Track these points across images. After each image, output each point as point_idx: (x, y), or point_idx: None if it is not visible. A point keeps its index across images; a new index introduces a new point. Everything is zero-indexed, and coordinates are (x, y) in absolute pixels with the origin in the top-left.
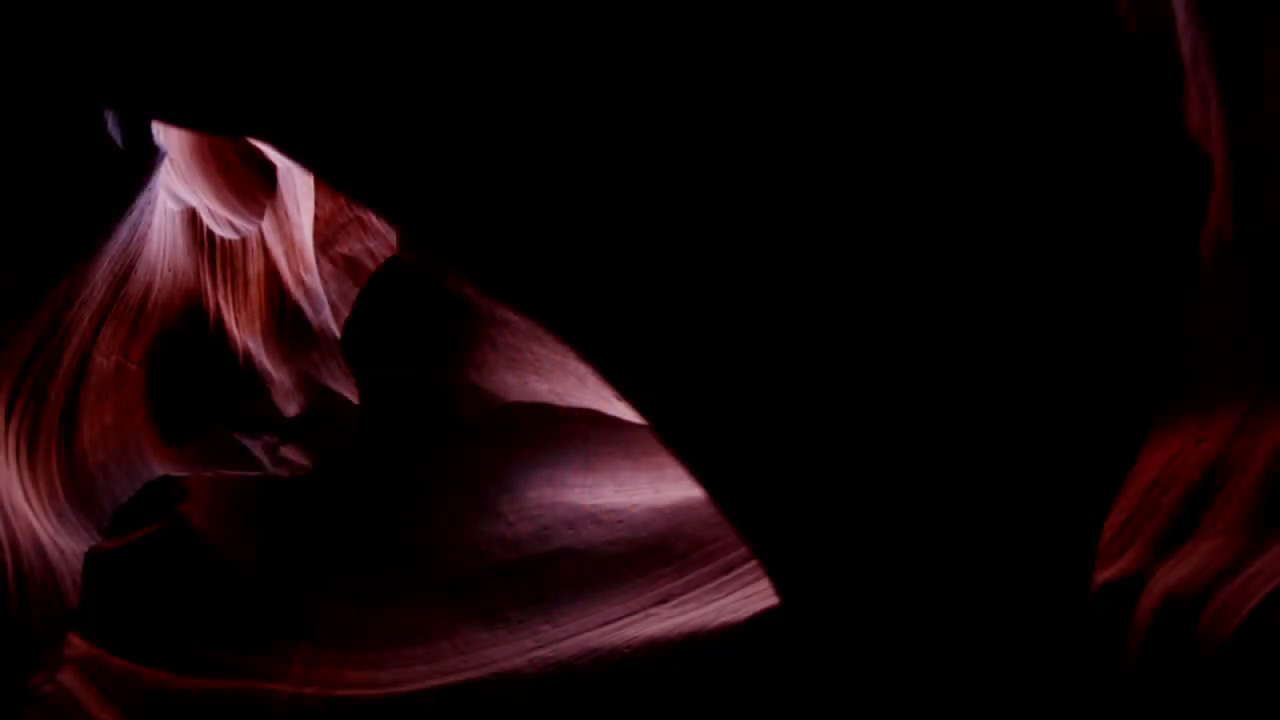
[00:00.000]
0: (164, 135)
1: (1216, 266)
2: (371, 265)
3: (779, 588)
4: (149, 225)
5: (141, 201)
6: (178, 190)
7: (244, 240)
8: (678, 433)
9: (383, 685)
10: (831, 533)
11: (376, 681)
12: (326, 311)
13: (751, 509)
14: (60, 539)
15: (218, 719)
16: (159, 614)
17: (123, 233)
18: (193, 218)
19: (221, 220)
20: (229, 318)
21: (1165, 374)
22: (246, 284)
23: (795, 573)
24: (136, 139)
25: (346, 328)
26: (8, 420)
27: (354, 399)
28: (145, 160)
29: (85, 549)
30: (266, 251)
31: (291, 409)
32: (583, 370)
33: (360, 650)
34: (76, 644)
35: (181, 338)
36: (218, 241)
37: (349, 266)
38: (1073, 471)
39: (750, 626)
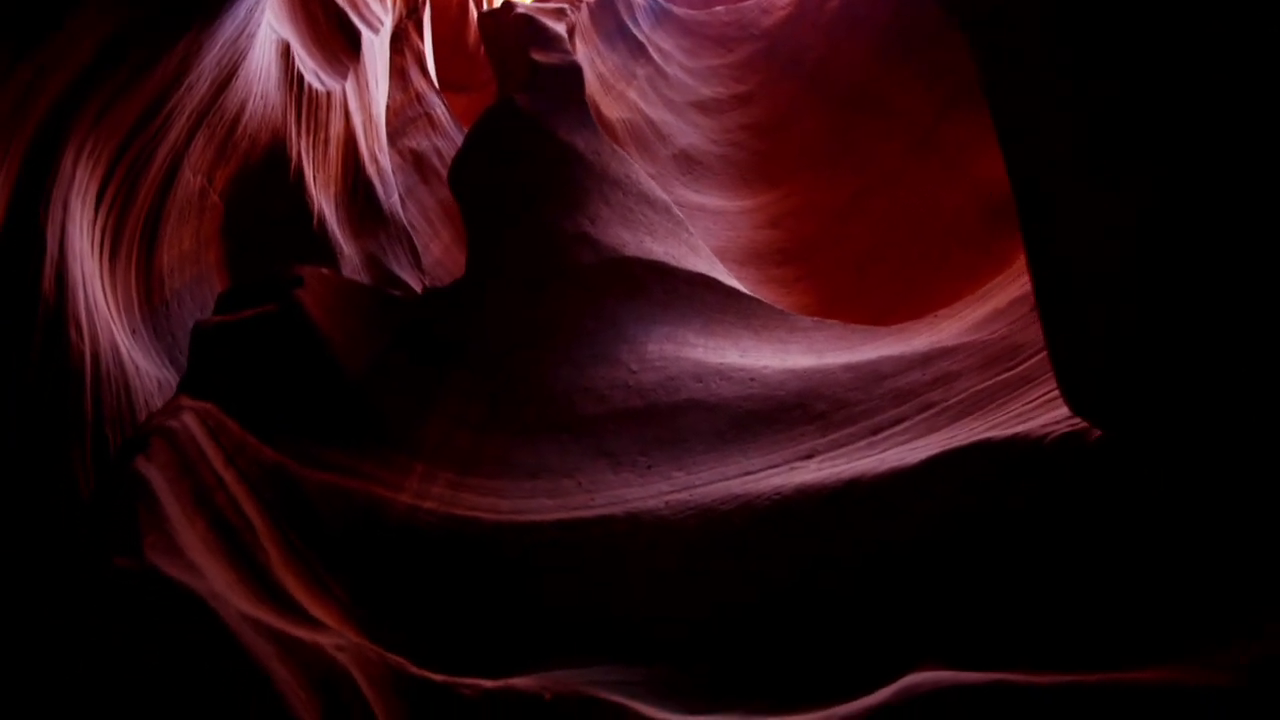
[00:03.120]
0: None
1: None
2: (438, 162)
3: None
4: (257, 25)
5: None
6: (272, 23)
7: (329, 95)
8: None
9: (505, 512)
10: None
11: (498, 509)
12: (396, 197)
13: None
14: (135, 355)
15: (335, 514)
16: (269, 399)
17: (240, 12)
18: (286, 51)
19: (309, 68)
20: (308, 173)
21: None
22: (327, 142)
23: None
24: None
25: (456, 160)
26: (97, 208)
27: (418, 288)
28: None
29: (157, 375)
30: (348, 116)
31: None
32: (695, 240)
33: (478, 476)
34: (191, 402)
35: (263, 179)
36: (306, 87)
37: (416, 161)
38: None
39: (927, 469)
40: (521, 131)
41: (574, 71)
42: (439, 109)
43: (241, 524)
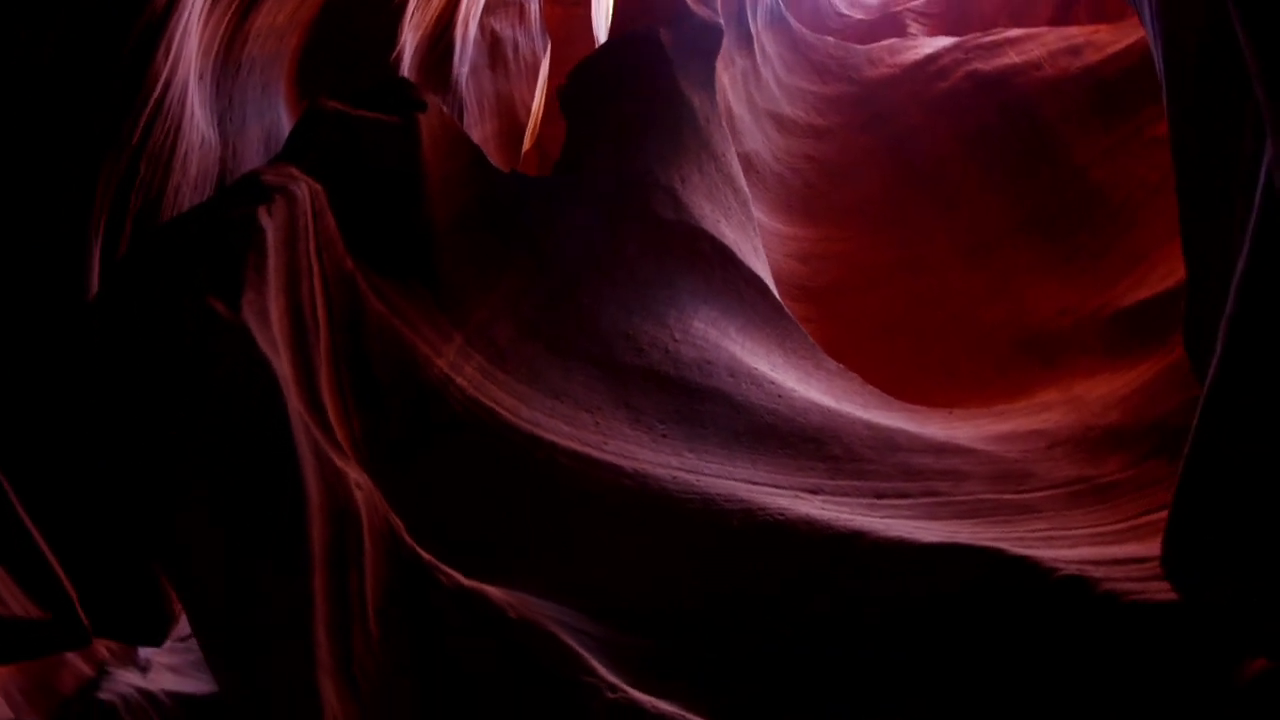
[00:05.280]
0: None
1: None
2: (510, 54)
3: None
4: None
5: None
6: None
7: None
8: None
9: (524, 419)
10: None
11: (518, 413)
12: (466, 69)
13: None
14: (195, 102)
15: (382, 351)
16: (359, 206)
17: None
18: None
19: None
20: (410, 7)
21: None
22: None
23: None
24: None
25: (586, 62)
26: None
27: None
28: None
29: (203, 131)
30: None
31: None
32: (758, 242)
33: (506, 373)
34: (305, 176)
35: None
36: None
37: (493, 44)
38: None
39: (937, 554)
40: (654, 66)
41: (717, 32)
42: (533, 6)
43: (311, 323)
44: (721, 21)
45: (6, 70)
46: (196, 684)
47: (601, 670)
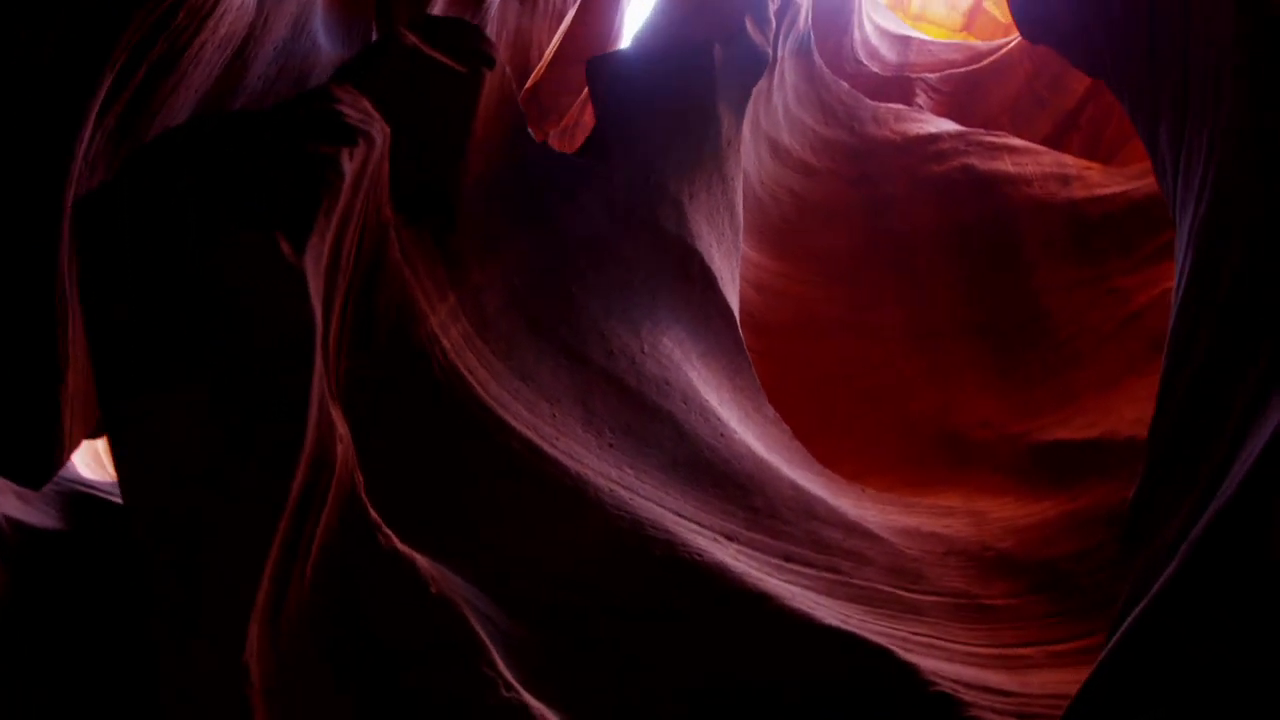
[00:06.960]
0: None
1: None
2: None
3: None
4: None
5: None
6: None
7: None
8: None
9: (491, 395)
10: None
11: (487, 387)
12: (493, 16)
13: None
14: None
15: (385, 305)
16: (405, 146)
17: None
18: None
19: None
20: None
21: None
22: None
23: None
24: None
25: (631, 56)
26: None
27: None
28: None
29: (237, 29)
30: None
31: None
32: (737, 274)
33: (485, 342)
34: (379, 116)
35: None
36: None
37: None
38: None
39: (835, 639)
40: (699, 79)
41: (764, 61)
42: None
43: (345, 266)
44: (770, 51)
45: None
46: (42, 517)
47: (500, 665)
